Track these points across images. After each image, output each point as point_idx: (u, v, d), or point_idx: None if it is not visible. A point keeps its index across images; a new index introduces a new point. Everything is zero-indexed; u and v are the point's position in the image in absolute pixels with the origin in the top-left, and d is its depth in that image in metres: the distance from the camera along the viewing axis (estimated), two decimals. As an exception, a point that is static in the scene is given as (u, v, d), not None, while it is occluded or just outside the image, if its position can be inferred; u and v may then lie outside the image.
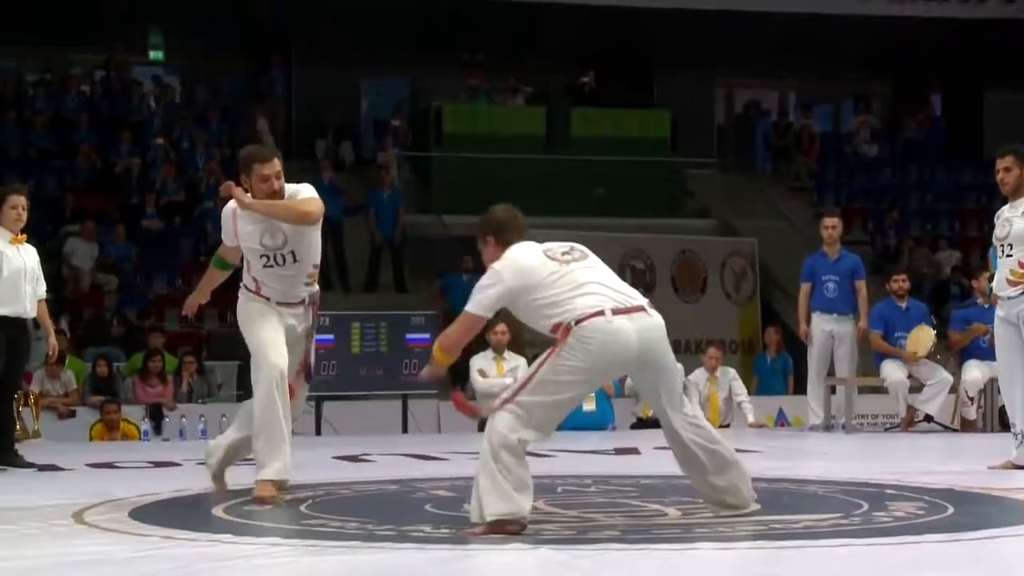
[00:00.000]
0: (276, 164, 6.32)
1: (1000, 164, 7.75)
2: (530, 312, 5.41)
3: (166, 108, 20.33)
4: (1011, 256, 7.66)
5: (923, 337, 11.53)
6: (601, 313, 5.22)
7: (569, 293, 5.30)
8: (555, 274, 5.36)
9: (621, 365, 5.39)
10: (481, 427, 12.21)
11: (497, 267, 5.43)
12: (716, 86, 24.19)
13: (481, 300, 5.39)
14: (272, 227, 6.26)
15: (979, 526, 5.22)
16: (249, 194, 6.27)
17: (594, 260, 5.54)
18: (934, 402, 11.54)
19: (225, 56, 21.69)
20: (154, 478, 7.82)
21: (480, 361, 11.84)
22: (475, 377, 11.84)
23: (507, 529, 5.02)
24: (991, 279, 8.04)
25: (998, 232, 7.80)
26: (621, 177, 19.72)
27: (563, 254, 5.46)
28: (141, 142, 19.12)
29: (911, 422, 11.70)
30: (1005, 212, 7.77)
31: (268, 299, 6.38)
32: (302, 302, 6.45)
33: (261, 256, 6.32)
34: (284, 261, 6.30)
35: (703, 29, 20.73)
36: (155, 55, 22.40)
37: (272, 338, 6.31)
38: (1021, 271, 7.61)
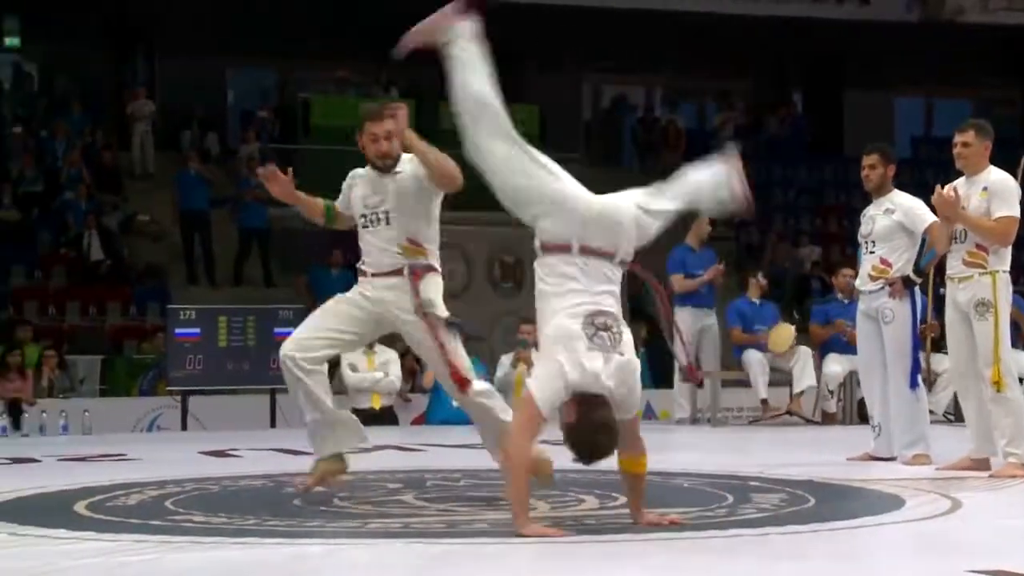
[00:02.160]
0: (388, 124, 6.13)
1: (866, 161, 7.93)
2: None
3: (24, 96, 19.82)
4: (874, 253, 7.86)
5: (783, 334, 11.75)
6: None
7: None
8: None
9: None
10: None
11: None
12: (584, 81, 24.37)
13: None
14: (378, 185, 6.06)
15: (838, 517, 5.34)
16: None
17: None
18: (805, 375, 11.74)
19: (86, 44, 21.21)
20: (13, 475, 7.62)
21: (351, 355, 11.80)
22: (345, 371, 11.78)
23: None
24: (857, 276, 8.25)
25: (863, 229, 8.00)
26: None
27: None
28: (-4, 131, 18.65)
29: (768, 410, 11.86)
30: (870, 210, 7.97)
31: (365, 273, 6.04)
32: (398, 272, 5.96)
33: (361, 215, 6.10)
34: (379, 222, 6.03)
35: (572, 25, 20.87)
36: (11, 42, 21.80)
37: (312, 317, 6.12)
38: (882, 267, 7.81)
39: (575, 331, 4.83)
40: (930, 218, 7.63)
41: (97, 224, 17.45)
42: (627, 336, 4.95)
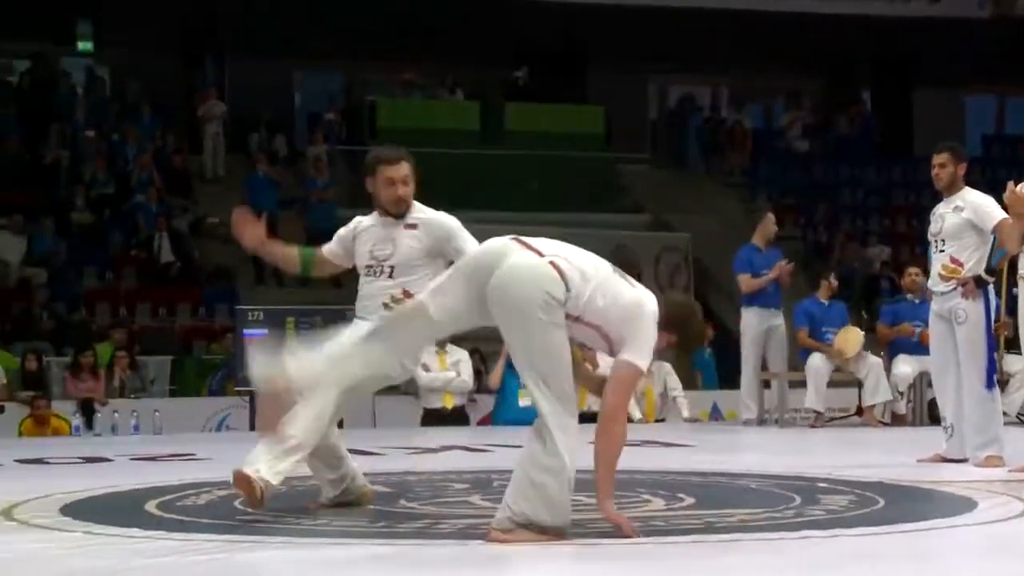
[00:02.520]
0: (404, 168, 5.80)
1: (936, 160, 7.85)
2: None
3: (96, 100, 20.10)
4: (944, 252, 7.76)
5: (851, 338, 11.61)
6: None
7: None
8: None
9: None
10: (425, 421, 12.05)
11: None
12: (649, 82, 24.31)
13: None
14: (387, 235, 5.82)
15: (909, 519, 5.29)
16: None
17: None
18: (880, 389, 11.57)
19: (156, 48, 21.48)
20: (85, 474, 7.73)
21: (423, 355, 11.83)
22: (417, 371, 11.81)
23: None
24: (923, 275, 8.16)
25: (932, 228, 7.90)
26: (555, 172, 19.75)
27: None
28: (70, 135, 18.90)
29: (820, 420, 11.66)
30: (939, 208, 7.88)
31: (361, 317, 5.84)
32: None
33: (367, 265, 5.87)
34: (381, 274, 5.82)
35: (637, 25, 20.83)
36: (84, 46, 22.13)
37: None
38: (953, 267, 7.72)
39: (635, 293, 4.85)
40: (999, 215, 7.53)
41: (167, 226, 17.66)
42: None
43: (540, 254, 4.79)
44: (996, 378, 7.80)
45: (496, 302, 4.75)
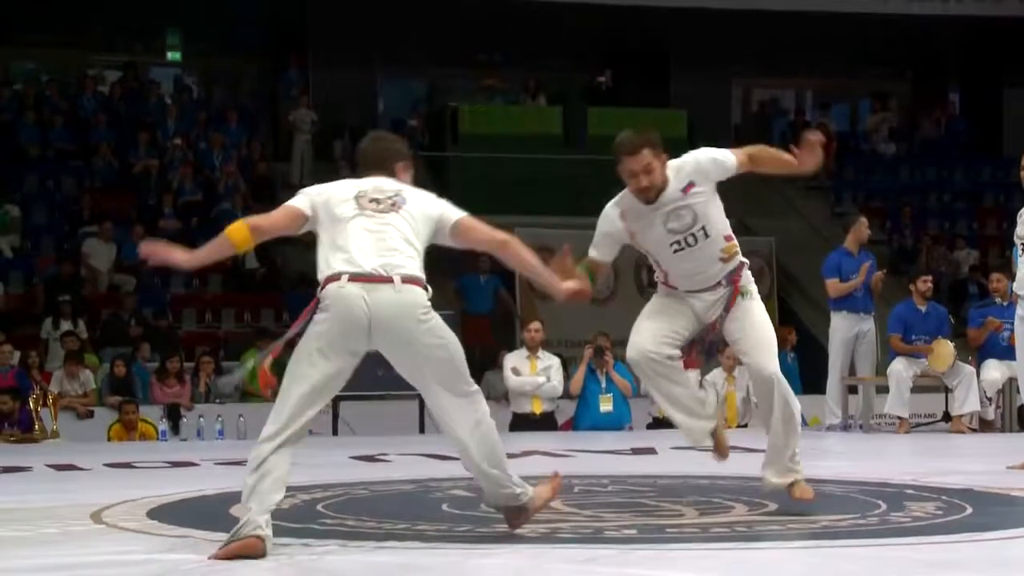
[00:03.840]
0: (645, 157, 5.51)
1: (1024, 161, 7.73)
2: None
3: (184, 109, 20.39)
4: (1030, 254, 7.65)
5: (943, 353, 11.42)
6: (337, 278, 4.85)
7: (331, 247, 4.88)
8: (344, 220, 4.89)
9: (355, 336, 5.07)
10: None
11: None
12: (733, 85, 24.15)
13: (298, 199, 5.15)
14: (677, 209, 5.53)
15: (998, 526, 5.21)
16: None
17: (403, 213, 4.94)
18: (969, 399, 11.39)
19: (243, 56, 21.74)
20: (172, 478, 7.84)
21: (514, 359, 11.92)
22: (508, 375, 11.90)
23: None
24: (1013, 278, 8.02)
25: (1018, 230, 7.79)
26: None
27: (371, 201, 4.96)
28: (159, 143, 19.17)
29: (903, 425, 11.48)
30: (1026, 210, 7.77)
31: (676, 288, 5.62)
32: (718, 284, 5.74)
33: (670, 244, 5.59)
34: (696, 241, 5.57)
35: (720, 28, 20.72)
36: (173, 56, 22.46)
37: (647, 322, 5.69)
38: (1040, 270, 7.59)
39: None
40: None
41: (253, 233, 17.81)
42: None
43: None
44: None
45: None
